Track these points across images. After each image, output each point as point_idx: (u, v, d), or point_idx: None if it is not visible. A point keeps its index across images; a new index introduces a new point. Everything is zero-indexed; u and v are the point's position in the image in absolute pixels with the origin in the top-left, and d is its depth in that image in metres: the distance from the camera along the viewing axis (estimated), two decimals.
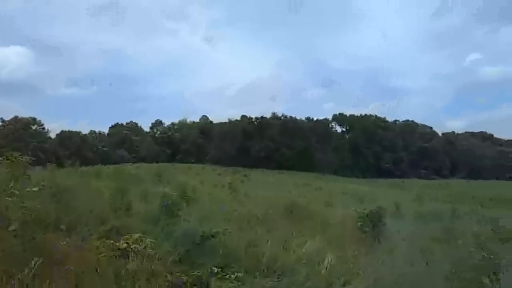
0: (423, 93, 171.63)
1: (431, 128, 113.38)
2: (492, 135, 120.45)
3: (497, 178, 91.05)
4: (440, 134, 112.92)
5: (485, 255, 5.84)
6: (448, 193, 44.22)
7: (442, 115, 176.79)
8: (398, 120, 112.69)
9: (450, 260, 6.98)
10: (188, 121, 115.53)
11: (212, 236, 6.51)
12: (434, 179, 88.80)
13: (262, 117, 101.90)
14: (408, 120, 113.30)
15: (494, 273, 5.62)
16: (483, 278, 5.60)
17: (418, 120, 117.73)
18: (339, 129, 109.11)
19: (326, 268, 6.06)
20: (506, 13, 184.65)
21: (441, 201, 28.49)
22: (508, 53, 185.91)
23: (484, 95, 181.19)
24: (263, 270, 5.81)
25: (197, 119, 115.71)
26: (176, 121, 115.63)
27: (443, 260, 7.04)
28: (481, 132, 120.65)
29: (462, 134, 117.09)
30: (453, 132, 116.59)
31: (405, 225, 12.26)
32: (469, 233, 9.72)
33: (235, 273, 5.39)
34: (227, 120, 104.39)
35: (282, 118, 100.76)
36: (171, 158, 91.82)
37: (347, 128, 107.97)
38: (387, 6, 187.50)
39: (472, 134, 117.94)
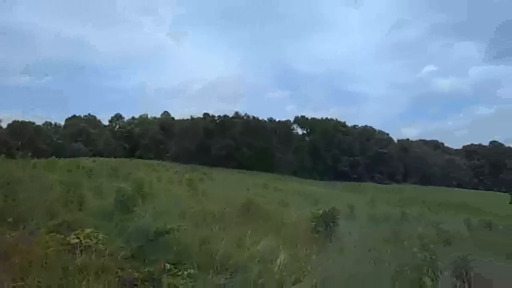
0: (381, 100, 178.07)
1: (387, 134, 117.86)
2: (442, 144, 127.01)
3: (446, 185, 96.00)
4: (395, 140, 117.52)
5: (427, 256, 6.20)
6: (399, 197, 46.15)
7: (398, 122, 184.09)
8: (357, 125, 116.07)
9: (396, 260, 7.34)
10: (149, 116, 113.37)
11: (166, 232, 6.47)
12: (388, 183, 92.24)
13: (224, 115, 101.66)
14: (366, 126, 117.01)
15: (434, 273, 5.97)
16: (424, 278, 5.93)
17: (376, 126, 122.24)
18: (300, 131, 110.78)
19: (279, 266, 6.19)
20: (460, 28, 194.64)
21: (392, 205, 29.70)
22: (460, 66, 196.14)
23: (437, 105, 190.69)
24: (216, 267, 5.86)
25: (158, 115, 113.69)
26: (136, 116, 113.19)
27: (389, 260, 7.37)
28: (433, 141, 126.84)
29: (415, 141, 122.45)
30: (408, 139, 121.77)
31: (357, 226, 12.69)
32: (416, 235, 10.25)
33: (188, 270, 5.40)
34: (189, 117, 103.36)
35: (245, 117, 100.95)
36: (130, 153, 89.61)
37: (308, 130, 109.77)
38: (350, 15, 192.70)
39: (425, 142, 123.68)
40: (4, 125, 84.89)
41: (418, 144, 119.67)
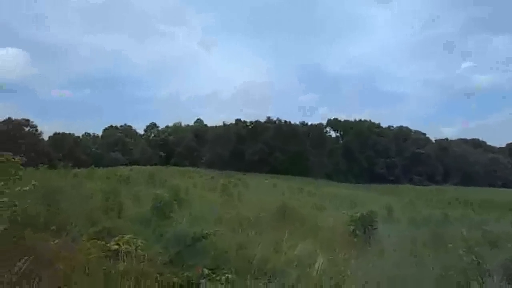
0: (416, 99, 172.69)
1: (424, 134, 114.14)
2: (484, 142, 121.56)
3: (490, 185, 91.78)
4: (433, 140, 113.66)
5: (473, 259, 5.90)
6: (440, 198, 44.49)
7: (435, 121, 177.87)
8: (392, 126, 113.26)
9: (440, 264, 7.04)
10: (182, 124, 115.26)
11: (203, 238, 6.50)
12: (427, 185, 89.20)
13: (256, 121, 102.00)
14: (402, 126, 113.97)
15: (481, 277, 5.68)
16: (471, 282, 5.65)
17: (412, 126, 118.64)
18: (333, 134, 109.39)
19: (317, 270, 6.06)
20: (497, 22, 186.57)
21: (433, 206, 28.62)
22: (499, 61, 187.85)
23: (476, 102, 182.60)
24: (254, 272, 5.81)
25: (191, 123, 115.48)
26: (170, 124, 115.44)
27: (433, 264, 7.08)
28: (474, 139, 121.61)
29: (455, 140, 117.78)
30: (446, 138, 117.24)
31: (396, 229, 12.28)
32: (459, 238, 9.80)
33: (226, 275, 5.38)
34: (221, 124, 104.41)
35: (277, 122, 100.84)
36: (165, 161, 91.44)
37: (341, 133, 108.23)
38: (380, 14, 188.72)
39: (465, 140, 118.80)
40: (46, 137, 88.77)
41: (457, 143, 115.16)
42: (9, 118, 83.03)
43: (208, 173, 61.89)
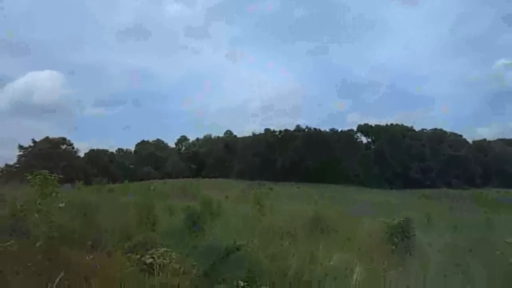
0: (450, 100, 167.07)
1: (461, 136, 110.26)
2: None
3: None
4: (470, 142, 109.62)
5: None
6: (481, 202, 42.68)
7: (471, 122, 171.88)
8: (425, 129, 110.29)
9: (486, 272, 6.66)
10: (212, 136, 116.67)
11: (237, 249, 6.44)
12: (465, 188, 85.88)
13: (285, 129, 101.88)
14: (436, 129, 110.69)
15: None
16: None
17: (447, 128, 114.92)
18: (364, 139, 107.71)
19: (356, 281, 5.86)
20: None
21: (474, 211, 27.42)
22: None
23: None
24: (290, 283, 5.67)
25: (221, 134, 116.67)
26: (200, 136, 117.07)
27: (479, 272, 6.71)
28: None
29: (494, 141, 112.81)
30: (484, 139, 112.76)
31: (438, 236, 11.75)
32: (507, 244, 9.27)
33: (261, 287, 5.29)
34: (250, 134, 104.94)
35: (306, 130, 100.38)
36: (197, 173, 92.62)
37: (373, 138, 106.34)
38: (407, 14, 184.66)
39: (506, 141, 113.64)
40: (82, 154, 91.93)
41: (497, 144, 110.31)
42: (47, 137, 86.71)
43: (239, 183, 62.11)
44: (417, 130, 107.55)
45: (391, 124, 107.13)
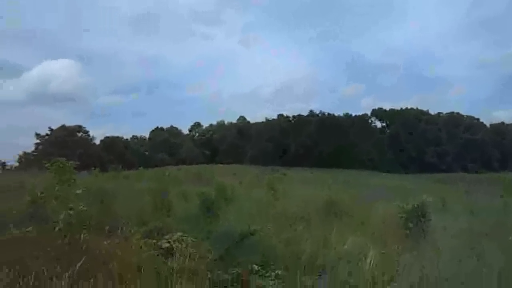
0: (466, 83, 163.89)
1: (477, 119, 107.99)
2: None
3: None
4: (487, 125, 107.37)
5: None
6: (498, 186, 42.05)
7: (488, 105, 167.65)
8: (441, 112, 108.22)
9: (502, 256, 6.61)
10: (225, 122, 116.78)
11: (251, 234, 6.51)
12: (482, 172, 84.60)
13: (299, 115, 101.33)
14: (452, 112, 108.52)
15: None
16: None
17: (463, 111, 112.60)
18: (378, 124, 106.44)
19: (369, 265, 5.88)
20: None
21: (491, 195, 27.04)
22: None
23: None
24: (304, 267, 5.72)
25: (234, 120, 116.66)
26: (214, 122, 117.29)
27: (494, 256, 6.66)
28: None
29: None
30: (502, 122, 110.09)
31: (452, 220, 11.67)
32: None
33: (275, 271, 5.36)
34: (264, 120, 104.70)
35: (320, 115, 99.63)
36: (210, 159, 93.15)
37: (387, 122, 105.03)
38: None
39: None
40: (97, 142, 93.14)
41: None
42: (63, 125, 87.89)
43: (253, 169, 62.27)
44: (432, 113, 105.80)
45: (406, 108, 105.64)
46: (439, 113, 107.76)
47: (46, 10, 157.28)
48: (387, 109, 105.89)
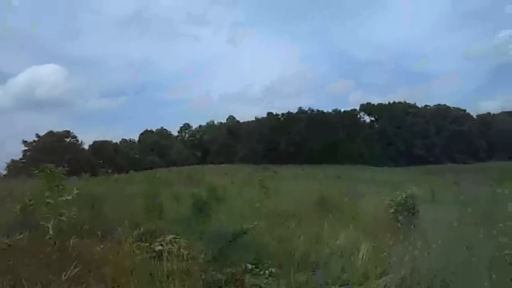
0: (453, 75, 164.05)
1: (464, 110, 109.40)
2: None
3: None
4: (474, 116, 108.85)
5: None
6: (486, 176, 42.70)
7: (475, 96, 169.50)
8: (429, 105, 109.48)
9: (492, 245, 6.71)
10: (215, 122, 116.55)
11: (244, 233, 6.54)
12: (470, 163, 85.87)
13: (288, 112, 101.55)
14: (439, 104, 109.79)
15: None
16: None
17: (450, 103, 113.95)
18: (367, 118, 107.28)
19: (362, 259, 5.95)
20: None
21: (479, 185, 27.43)
22: None
23: None
24: (297, 264, 5.76)
25: (224, 120, 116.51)
26: (203, 123, 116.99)
27: (484, 245, 6.77)
28: None
29: (498, 114, 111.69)
30: (489, 113, 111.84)
31: (442, 211, 11.81)
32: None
33: (269, 269, 5.39)
34: (253, 119, 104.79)
35: (309, 112, 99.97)
36: (201, 160, 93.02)
37: (376, 117, 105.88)
38: None
39: (510, 113, 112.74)
40: (86, 147, 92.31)
41: (502, 117, 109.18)
42: (51, 131, 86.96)
43: (244, 168, 62.29)
44: (420, 106, 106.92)
45: (394, 102, 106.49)
46: (426, 105, 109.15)
47: (31, 14, 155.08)
48: (375, 103, 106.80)
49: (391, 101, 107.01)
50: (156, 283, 4.71)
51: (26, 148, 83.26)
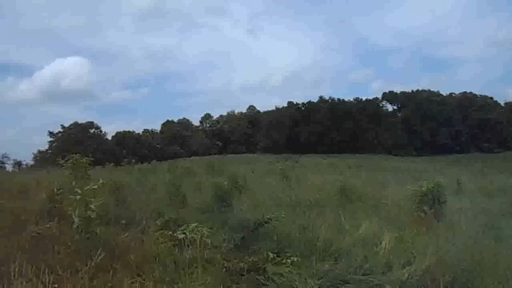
0: (479, 62, 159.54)
1: (491, 98, 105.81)
2: None
3: None
4: (502, 104, 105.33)
5: None
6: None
7: (502, 84, 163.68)
8: (454, 93, 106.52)
9: None
10: (236, 112, 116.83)
11: (266, 222, 6.56)
12: (498, 152, 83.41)
13: (308, 102, 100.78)
14: (465, 92, 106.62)
15: None
16: None
17: (476, 91, 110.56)
18: (390, 107, 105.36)
19: (384, 249, 5.87)
20: None
21: (507, 174, 26.63)
22: None
23: None
24: (319, 254, 5.74)
25: (244, 110, 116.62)
26: (224, 113, 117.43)
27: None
28: None
29: None
30: None
31: (468, 201, 11.54)
32: None
33: (291, 258, 5.38)
34: (274, 108, 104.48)
35: (330, 101, 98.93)
36: (222, 150, 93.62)
37: (399, 105, 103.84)
38: None
39: None
40: (110, 137, 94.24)
41: None
42: (75, 122, 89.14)
43: (265, 157, 62.34)
44: (445, 94, 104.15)
45: (418, 90, 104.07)
46: (451, 93, 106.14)
47: (55, 8, 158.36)
48: (398, 92, 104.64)
49: (415, 89, 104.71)
50: (179, 270, 4.78)
51: (52, 139, 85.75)
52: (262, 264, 5.22)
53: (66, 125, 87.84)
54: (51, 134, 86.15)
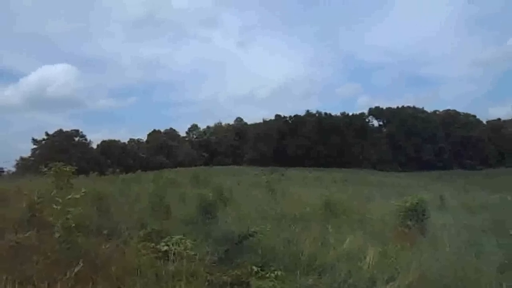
0: (462, 80, 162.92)
1: (474, 116, 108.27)
2: None
3: None
4: (484, 122, 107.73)
5: None
6: (495, 182, 42.21)
7: (485, 102, 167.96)
8: (438, 110, 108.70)
9: (502, 252, 6.62)
10: (223, 124, 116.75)
11: (250, 235, 6.51)
12: (480, 169, 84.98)
13: (295, 115, 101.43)
14: (448, 109, 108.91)
15: None
16: None
17: (460, 108, 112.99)
18: (376, 123, 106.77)
19: (369, 264, 5.88)
20: None
21: (489, 191, 27.08)
22: None
23: None
24: (303, 268, 5.71)
25: (231, 122, 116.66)
26: (211, 124, 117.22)
27: (494, 253, 6.68)
28: None
29: (508, 120, 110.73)
30: (499, 119, 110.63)
31: (451, 217, 11.69)
32: None
33: (275, 272, 5.34)
34: (261, 121, 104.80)
35: (317, 115, 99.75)
36: (209, 161, 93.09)
37: (384, 121, 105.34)
38: None
39: None
40: (95, 146, 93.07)
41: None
42: (60, 130, 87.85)
43: (252, 170, 62.16)
44: (429, 111, 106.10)
45: (403, 107, 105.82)
46: (435, 110, 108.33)
47: (43, 14, 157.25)
48: (384, 108, 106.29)
49: (400, 106, 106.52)
50: (161, 283, 4.70)
51: (35, 146, 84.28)
52: (246, 278, 5.17)
53: (51, 132, 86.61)
54: (34, 141, 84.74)
